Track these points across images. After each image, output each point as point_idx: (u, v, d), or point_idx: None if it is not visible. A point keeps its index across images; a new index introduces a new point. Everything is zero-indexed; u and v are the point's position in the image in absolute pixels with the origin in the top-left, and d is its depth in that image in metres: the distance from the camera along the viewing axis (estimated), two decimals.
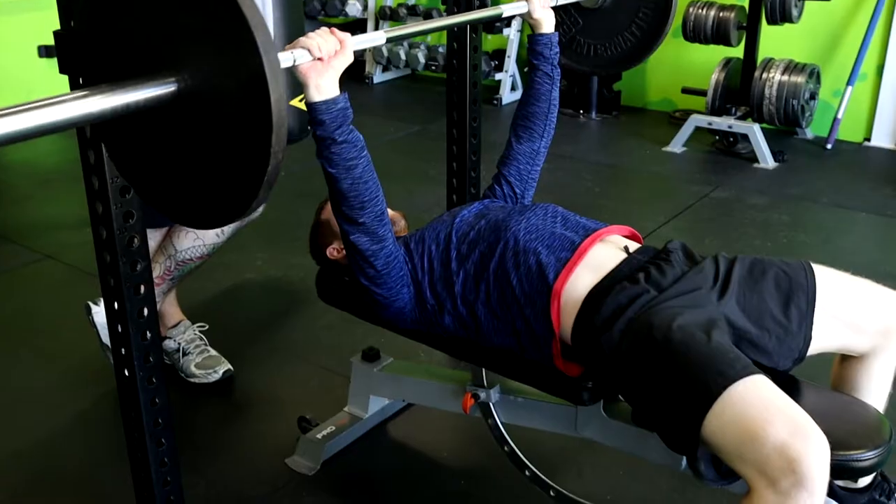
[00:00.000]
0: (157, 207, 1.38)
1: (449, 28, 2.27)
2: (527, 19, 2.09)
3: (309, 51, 1.51)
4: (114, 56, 1.31)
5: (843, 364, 1.83)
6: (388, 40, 1.75)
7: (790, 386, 1.69)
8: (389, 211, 2.03)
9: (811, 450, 1.36)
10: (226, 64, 1.17)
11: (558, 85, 2.12)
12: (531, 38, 2.09)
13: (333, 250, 2.04)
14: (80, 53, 1.41)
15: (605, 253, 1.77)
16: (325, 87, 1.55)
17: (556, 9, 2.13)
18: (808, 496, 1.35)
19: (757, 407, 1.43)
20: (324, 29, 1.55)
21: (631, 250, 1.79)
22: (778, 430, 1.38)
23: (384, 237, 1.75)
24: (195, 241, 2.51)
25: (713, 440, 1.47)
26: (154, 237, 2.51)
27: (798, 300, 1.70)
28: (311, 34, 1.53)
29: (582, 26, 2.32)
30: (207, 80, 1.20)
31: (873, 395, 1.80)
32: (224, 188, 1.26)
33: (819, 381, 1.87)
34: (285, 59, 1.46)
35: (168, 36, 1.22)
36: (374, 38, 1.70)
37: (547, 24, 2.09)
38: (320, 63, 1.53)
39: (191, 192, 1.32)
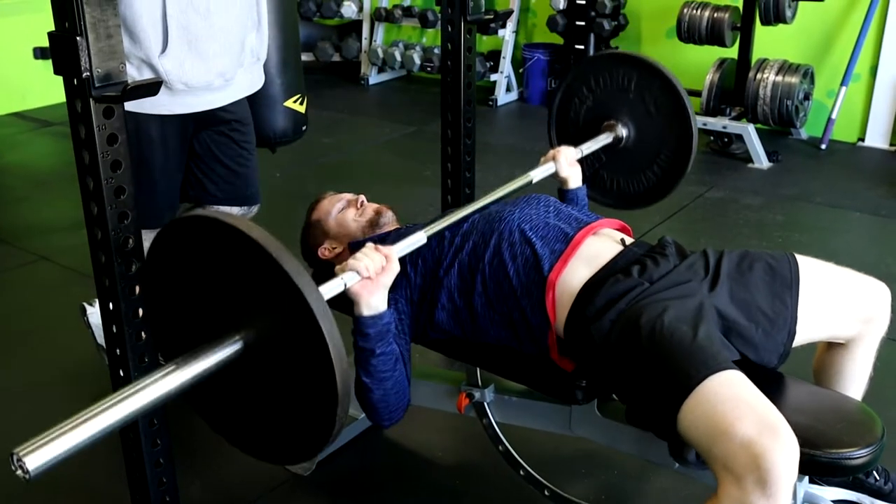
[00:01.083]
0: (238, 446, 1.47)
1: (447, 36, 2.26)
2: (556, 178, 2.16)
3: (358, 272, 1.57)
4: (180, 323, 1.41)
5: (827, 352, 1.88)
6: (429, 237, 1.77)
7: (779, 383, 1.71)
8: (374, 205, 2.05)
9: (777, 448, 1.37)
10: (286, 325, 1.24)
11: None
12: (560, 191, 2.17)
13: (325, 250, 2.04)
14: (155, 333, 1.54)
15: (600, 245, 1.79)
16: (374, 303, 1.62)
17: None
18: (772, 494, 1.36)
19: (728, 403, 1.44)
20: (369, 246, 1.62)
21: (627, 243, 1.81)
22: (746, 427, 1.39)
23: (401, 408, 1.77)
24: None
25: (686, 434, 1.49)
26: (148, 238, 2.50)
27: (783, 293, 1.73)
28: (357, 255, 1.59)
29: (605, 162, 2.34)
30: (271, 337, 1.28)
31: (856, 381, 1.85)
32: (292, 434, 1.33)
33: (807, 377, 1.89)
34: (336, 285, 1.53)
35: (229, 298, 1.30)
36: (415, 240, 1.74)
37: (574, 180, 2.17)
38: (370, 282, 1.59)
39: (263, 434, 1.39)
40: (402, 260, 1.80)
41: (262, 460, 1.46)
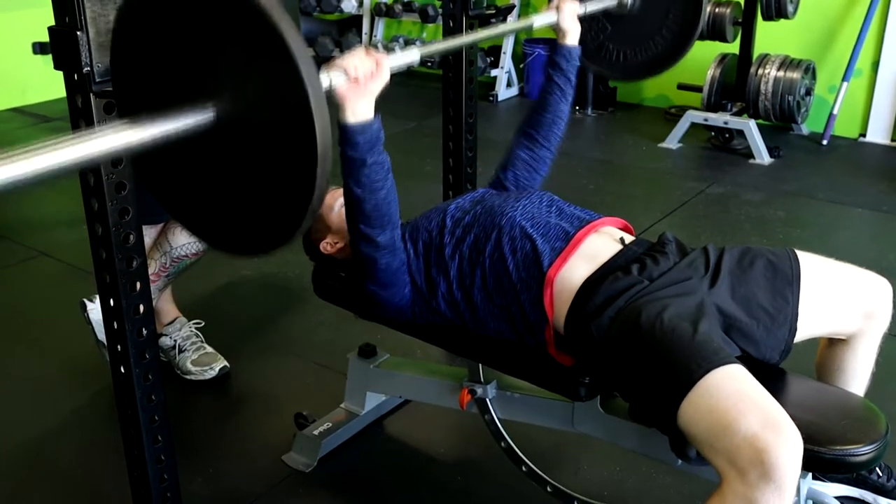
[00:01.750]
0: (197, 234, 1.37)
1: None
2: (553, 29, 2.11)
3: (345, 72, 1.50)
4: (147, 83, 1.29)
5: (829, 347, 1.87)
6: (422, 56, 1.75)
7: (781, 379, 1.71)
8: None
9: (781, 442, 1.36)
10: (267, 92, 1.14)
11: (569, 100, 2.13)
12: (553, 48, 2.12)
13: (327, 245, 2.04)
14: (114, 81, 1.39)
15: (600, 243, 1.78)
16: (361, 110, 1.56)
17: (583, 17, 2.13)
18: (776, 489, 1.35)
19: (731, 398, 1.43)
20: (360, 49, 1.55)
21: (626, 242, 1.80)
22: (750, 422, 1.39)
23: (396, 247, 1.76)
24: (190, 238, 2.51)
25: (688, 429, 1.48)
26: (149, 234, 2.50)
27: (784, 290, 1.72)
28: (346, 55, 1.52)
29: (610, 32, 2.28)
30: (247, 108, 1.18)
31: (858, 377, 1.85)
32: (266, 216, 1.24)
33: (809, 373, 1.88)
34: (321, 80, 1.44)
35: (204, 62, 1.19)
36: (408, 56, 1.69)
37: (572, 35, 2.12)
38: (356, 85, 1.52)
39: (232, 220, 1.29)
40: (403, 237, 1.80)
41: (229, 252, 1.36)
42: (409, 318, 1.90)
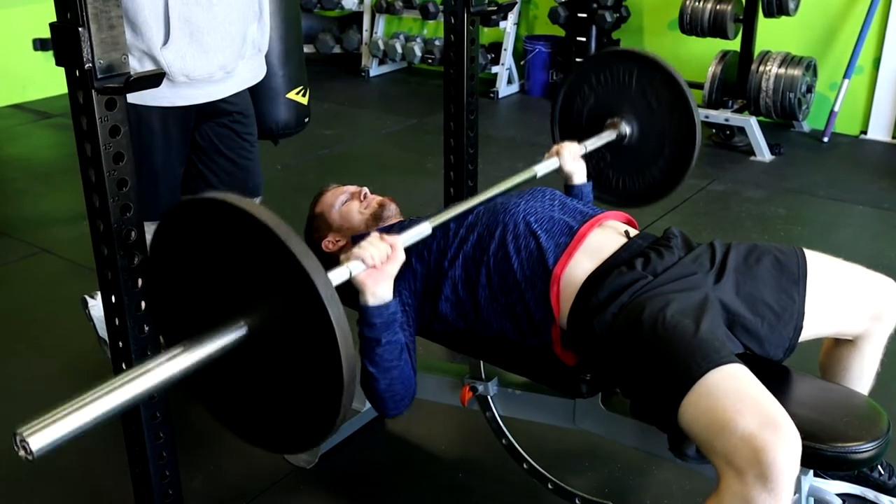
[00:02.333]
0: (240, 435, 1.44)
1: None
2: (560, 174, 2.14)
3: (363, 261, 1.56)
4: (185, 307, 1.38)
5: (835, 347, 1.87)
6: (434, 228, 1.77)
7: (784, 377, 1.71)
8: (378, 197, 2.04)
9: (779, 442, 1.36)
10: (291, 310, 1.22)
11: None
12: (565, 187, 2.15)
13: (329, 243, 2.03)
14: (159, 314, 1.49)
15: (604, 238, 1.78)
16: (380, 293, 1.61)
17: (585, 154, 2.17)
18: (773, 488, 1.35)
19: (730, 396, 1.43)
20: (374, 236, 1.61)
21: (631, 235, 1.80)
22: (748, 421, 1.39)
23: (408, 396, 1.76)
24: None
25: (688, 427, 1.48)
26: (150, 230, 2.50)
27: (790, 288, 1.72)
28: (363, 244, 1.59)
29: (610, 161, 2.33)
30: (276, 325, 1.26)
31: (864, 377, 1.85)
32: (296, 422, 1.32)
33: (813, 371, 1.88)
34: (341, 273, 1.53)
35: (233, 283, 1.28)
36: (420, 231, 1.73)
37: (578, 175, 2.15)
38: (375, 271, 1.58)
39: (269, 422, 1.37)
40: (406, 251, 1.80)
41: (264, 449, 1.45)
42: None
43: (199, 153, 2.40)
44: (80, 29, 1.42)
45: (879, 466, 2.04)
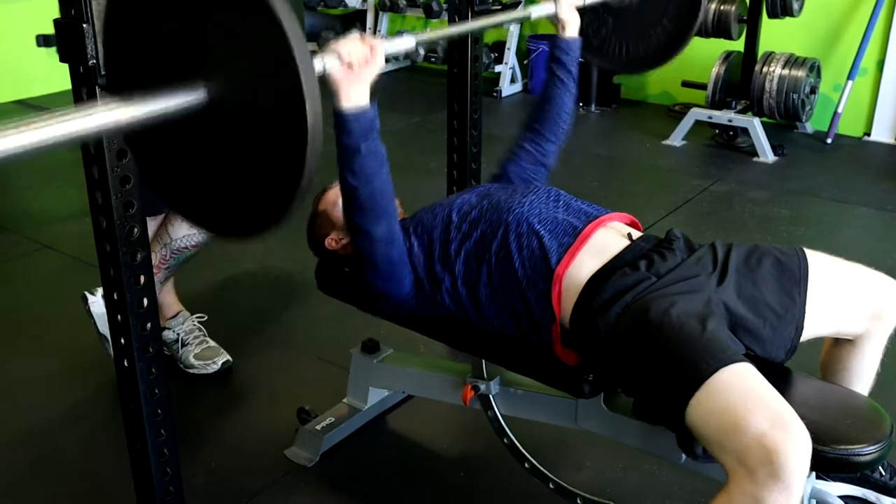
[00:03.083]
0: (191, 219, 1.37)
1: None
2: (552, 21, 2.10)
3: (339, 56, 1.49)
4: (140, 62, 1.29)
5: (835, 347, 1.87)
6: (418, 43, 1.74)
7: (787, 378, 1.70)
8: None
9: (790, 442, 1.36)
10: (259, 73, 1.14)
11: (572, 93, 2.12)
12: (553, 41, 2.11)
13: (332, 241, 2.03)
14: (104, 57, 1.39)
15: (607, 239, 1.78)
16: (355, 96, 1.55)
17: (585, 10, 2.12)
18: (784, 488, 1.35)
19: (740, 396, 1.43)
20: (354, 34, 1.54)
21: (634, 237, 1.80)
22: (759, 421, 1.38)
23: (394, 239, 1.75)
24: (190, 229, 2.50)
25: (696, 427, 1.47)
26: (150, 226, 2.50)
27: (792, 288, 1.72)
28: (341, 40, 1.51)
29: (612, 26, 2.29)
30: (239, 89, 1.17)
31: (864, 377, 1.84)
32: (256, 199, 1.24)
33: (814, 371, 1.88)
34: (314, 64, 1.42)
35: (196, 41, 1.19)
36: (403, 43, 1.68)
37: (571, 27, 2.11)
38: (350, 71, 1.51)
39: (225, 203, 1.29)
40: (407, 234, 1.79)
41: (222, 235, 1.37)
42: (411, 310, 1.90)
43: None
44: (83, 25, 1.42)
45: (881, 468, 2.04)
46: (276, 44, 1.09)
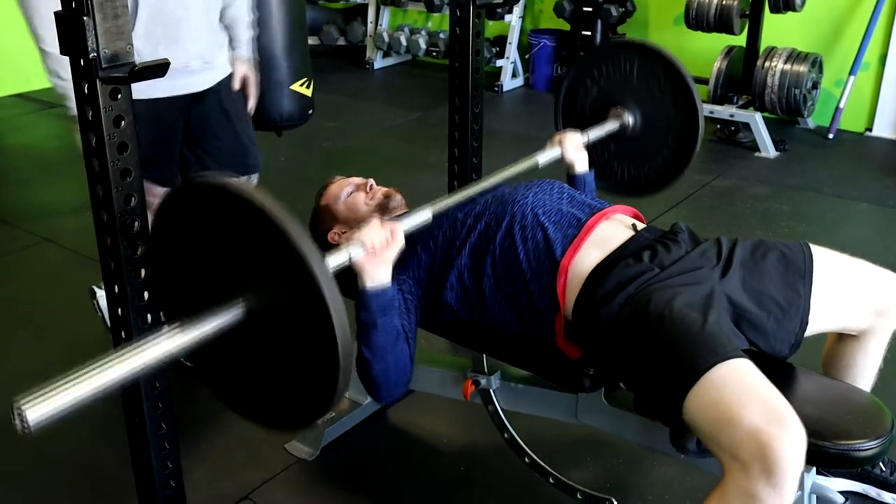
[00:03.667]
0: (240, 413, 1.47)
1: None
2: (562, 163, 2.16)
3: (363, 245, 1.60)
4: (185, 289, 1.42)
5: (838, 343, 1.87)
6: (434, 214, 1.80)
7: (788, 373, 1.70)
8: (383, 188, 2.04)
9: (785, 437, 1.36)
10: (288, 292, 1.25)
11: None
12: (568, 176, 2.17)
13: (335, 235, 2.03)
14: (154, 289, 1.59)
15: (611, 230, 1.78)
16: (378, 276, 1.64)
17: (591, 146, 2.19)
18: (778, 483, 1.35)
19: (736, 391, 1.43)
20: (374, 221, 1.65)
21: (638, 228, 1.80)
22: (754, 415, 1.38)
23: (404, 385, 1.78)
24: None
25: (693, 421, 1.47)
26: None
27: (796, 283, 1.72)
28: (363, 229, 1.63)
29: (614, 152, 2.34)
30: (272, 303, 1.28)
31: (867, 373, 1.85)
32: (293, 402, 1.35)
33: (816, 367, 1.88)
34: (341, 257, 1.56)
35: (232, 264, 1.31)
36: (420, 217, 1.76)
37: (580, 164, 2.17)
38: (374, 256, 1.61)
39: (268, 400, 1.40)
40: (412, 241, 1.80)
41: (263, 427, 1.49)
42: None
43: (194, 140, 2.41)
44: (85, 18, 1.41)
45: (881, 463, 2.04)
46: (299, 271, 1.20)
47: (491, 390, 2.09)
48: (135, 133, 1.55)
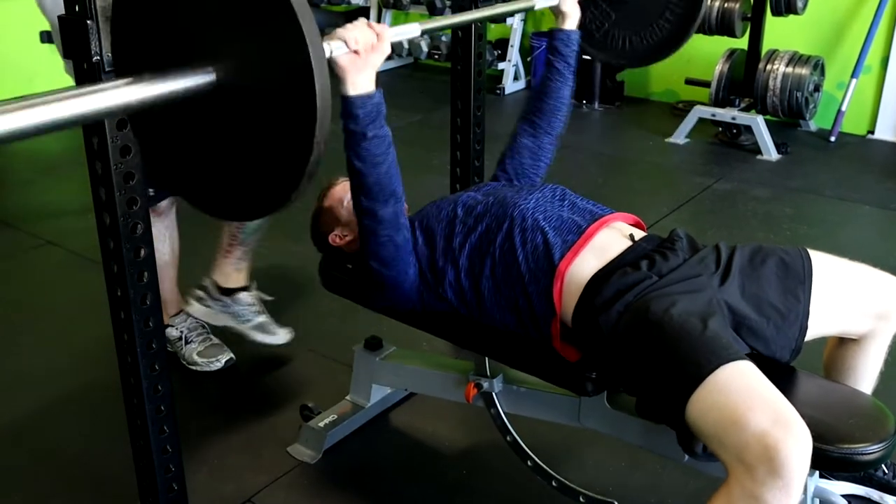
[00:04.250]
0: (195, 202, 1.36)
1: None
2: (554, 12, 2.11)
3: (345, 42, 1.50)
4: (146, 44, 1.29)
5: (840, 346, 1.86)
6: (423, 32, 1.74)
7: (790, 376, 1.70)
8: None
9: (791, 440, 1.36)
10: (267, 54, 1.14)
11: (570, 85, 2.13)
12: (552, 33, 2.12)
13: (336, 237, 2.03)
14: (114, 41, 1.39)
15: (610, 239, 1.78)
16: (361, 82, 1.55)
17: (588, 3, 2.14)
18: (784, 486, 1.34)
19: (741, 393, 1.43)
20: (361, 20, 1.54)
21: (636, 238, 1.80)
22: (759, 418, 1.38)
23: (400, 223, 1.75)
24: None
25: (696, 424, 1.47)
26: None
27: (796, 289, 1.72)
28: (347, 26, 1.52)
29: (615, 19, 2.31)
30: (247, 70, 1.18)
31: (868, 377, 1.84)
32: (263, 180, 1.24)
33: (817, 370, 1.88)
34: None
35: (205, 24, 1.19)
36: (409, 31, 1.68)
37: (571, 19, 2.12)
38: (357, 57, 1.52)
39: (227, 185, 1.29)
40: (413, 228, 1.78)
41: (233, 219, 1.37)
42: (414, 304, 1.90)
43: None
44: (88, 21, 1.42)
45: (884, 466, 2.04)
46: (285, 23, 1.10)
47: (493, 393, 2.09)
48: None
